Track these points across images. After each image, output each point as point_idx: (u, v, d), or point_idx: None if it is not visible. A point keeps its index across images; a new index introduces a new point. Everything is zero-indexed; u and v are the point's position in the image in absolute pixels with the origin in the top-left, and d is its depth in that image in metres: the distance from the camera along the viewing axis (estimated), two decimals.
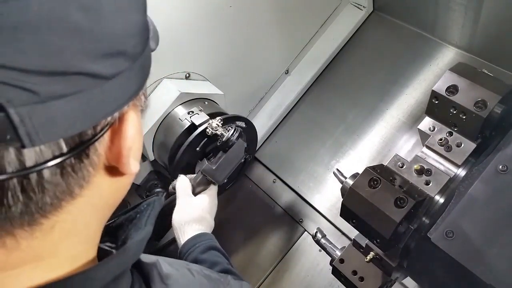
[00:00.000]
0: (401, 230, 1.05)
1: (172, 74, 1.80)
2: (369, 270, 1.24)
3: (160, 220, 2.10)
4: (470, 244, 0.95)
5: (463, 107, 1.05)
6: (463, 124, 1.08)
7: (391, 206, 1.01)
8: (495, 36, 1.80)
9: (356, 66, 2.23)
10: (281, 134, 2.27)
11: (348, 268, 1.27)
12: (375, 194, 1.04)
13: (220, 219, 2.37)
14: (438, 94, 1.10)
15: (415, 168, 1.09)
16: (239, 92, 2.10)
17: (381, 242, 1.05)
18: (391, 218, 0.99)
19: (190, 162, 1.69)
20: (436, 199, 1.07)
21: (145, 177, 1.86)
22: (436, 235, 0.98)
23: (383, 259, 1.18)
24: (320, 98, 2.25)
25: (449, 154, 1.09)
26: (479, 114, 1.03)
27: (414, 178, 1.09)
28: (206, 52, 1.86)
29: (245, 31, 1.93)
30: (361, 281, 1.24)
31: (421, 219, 1.06)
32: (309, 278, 1.94)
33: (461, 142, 1.09)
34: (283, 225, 2.09)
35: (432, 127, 1.15)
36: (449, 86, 1.09)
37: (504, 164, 0.99)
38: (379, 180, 1.05)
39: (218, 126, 1.49)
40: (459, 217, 0.98)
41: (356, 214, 1.07)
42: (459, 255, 0.95)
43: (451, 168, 1.09)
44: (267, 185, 2.19)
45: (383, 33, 2.23)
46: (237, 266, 2.20)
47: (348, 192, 1.09)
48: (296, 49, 2.23)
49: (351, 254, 1.28)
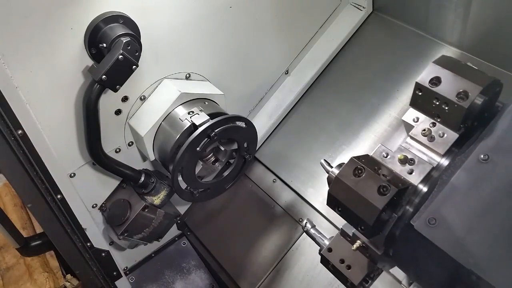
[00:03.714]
0: (385, 217, 1.07)
1: (173, 74, 1.80)
2: (356, 258, 1.26)
3: (161, 221, 2.09)
4: (452, 231, 0.97)
5: (446, 98, 1.07)
6: (445, 115, 1.09)
7: (374, 194, 1.03)
8: (493, 36, 1.82)
9: (356, 66, 2.24)
10: (281, 134, 2.28)
11: (336, 256, 1.30)
12: (359, 182, 1.07)
13: (220, 219, 2.39)
14: (421, 86, 1.11)
15: (399, 157, 1.11)
16: (239, 92, 2.10)
17: (365, 229, 1.07)
18: (374, 205, 1.02)
19: (190, 162, 1.69)
20: (419, 188, 1.08)
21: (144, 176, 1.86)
22: (419, 223, 1.00)
23: (369, 247, 1.20)
24: (320, 98, 2.25)
25: (432, 144, 1.11)
26: (461, 105, 1.04)
27: (397, 168, 1.11)
28: (206, 53, 1.86)
29: (245, 32, 1.94)
30: (348, 269, 1.27)
31: (405, 207, 1.10)
32: (309, 278, 1.95)
33: (444, 132, 1.11)
34: (283, 225, 2.10)
35: (416, 118, 1.16)
36: (432, 78, 1.10)
37: (485, 154, 1.00)
38: (364, 169, 1.08)
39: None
40: (442, 205, 1.00)
41: (341, 202, 1.10)
42: (441, 242, 0.97)
43: (434, 157, 1.11)
44: (267, 185, 2.20)
45: (383, 33, 2.23)
46: (237, 265, 2.22)
47: (334, 181, 1.12)
48: (296, 49, 2.24)
49: (339, 243, 1.31)
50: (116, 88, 1.50)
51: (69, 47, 1.46)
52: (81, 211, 1.80)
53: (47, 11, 1.36)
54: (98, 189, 1.87)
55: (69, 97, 1.56)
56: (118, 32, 1.45)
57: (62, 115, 1.59)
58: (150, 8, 1.57)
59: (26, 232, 2.28)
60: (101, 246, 1.95)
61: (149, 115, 1.73)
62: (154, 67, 1.72)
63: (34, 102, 1.48)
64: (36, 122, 1.52)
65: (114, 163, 1.73)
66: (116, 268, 2.08)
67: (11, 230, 1.63)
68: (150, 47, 1.64)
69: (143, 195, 1.87)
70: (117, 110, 1.71)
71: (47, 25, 1.38)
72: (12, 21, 1.32)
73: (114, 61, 1.41)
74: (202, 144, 1.63)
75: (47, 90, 1.50)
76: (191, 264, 2.37)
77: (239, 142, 1.82)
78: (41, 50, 1.41)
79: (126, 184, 1.91)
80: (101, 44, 1.46)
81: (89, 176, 1.79)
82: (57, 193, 1.65)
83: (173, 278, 2.32)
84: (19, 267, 2.16)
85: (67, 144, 1.66)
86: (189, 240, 2.39)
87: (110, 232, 1.92)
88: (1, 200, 2.46)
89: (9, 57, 1.36)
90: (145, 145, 1.74)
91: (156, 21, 1.62)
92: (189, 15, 1.71)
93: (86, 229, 1.84)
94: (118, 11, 1.49)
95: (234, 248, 2.17)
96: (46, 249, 1.85)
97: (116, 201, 1.88)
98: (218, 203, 2.28)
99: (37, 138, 1.52)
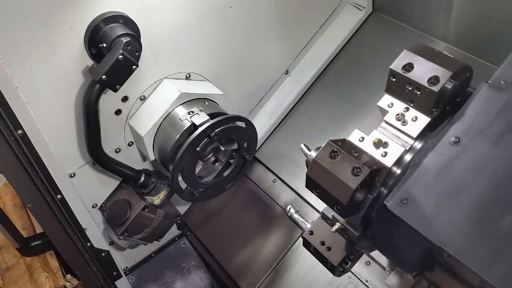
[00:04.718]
0: (359, 198, 1.12)
1: (173, 75, 1.80)
2: (336, 240, 1.33)
3: (161, 221, 2.09)
4: (423, 211, 1.02)
5: (417, 83, 1.11)
6: (418, 100, 1.14)
7: (348, 175, 1.09)
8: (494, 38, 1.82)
9: (356, 66, 2.24)
10: (281, 134, 2.28)
11: (317, 239, 1.37)
12: (334, 164, 1.13)
13: (220, 219, 2.39)
14: (395, 72, 1.16)
15: (373, 141, 1.16)
16: (239, 92, 2.10)
17: (341, 208, 1.12)
18: (348, 185, 1.08)
19: (190, 162, 1.69)
20: (393, 170, 1.14)
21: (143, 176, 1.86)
22: (392, 203, 1.05)
23: (347, 229, 1.25)
24: (320, 98, 2.25)
25: (405, 127, 1.16)
26: (432, 89, 1.09)
27: (372, 151, 1.15)
28: (206, 53, 1.86)
29: (245, 32, 1.94)
30: (328, 250, 1.34)
31: (380, 189, 1.14)
32: (309, 278, 1.95)
33: (417, 116, 1.15)
34: (283, 225, 2.10)
35: (390, 103, 1.21)
36: (405, 64, 1.14)
37: (456, 136, 1.06)
38: (339, 152, 1.14)
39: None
40: (414, 186, 1.05)
41: (318, 183, 1.16)
42: (412, 220, 1.02)
43: (407, 140, 1.15)
44: (267, 185, 2.20)
45: (383, 33, 2.24)
46: (237, 265, 2.22)
47: (311, 163, 1.18)
48: (296, 49, 2.24)
49: (320, 227, 1.37)
50: (116, 88, 1.50)
51: (69, 47, 1.46)
52: (81, 211, 1.80)
53: (47, 11, 1.36)
54: (98, 189, 1.87)
55: (69, 97, 1.56)
56: (118, 32, 1.45)
57: (62, 115, 1.59)
58: (150, 8, 1.57)
59: (26, 232, 2.28)
60: (101, 246, 1.95)
61: (149, 115, 1.73)
62: (154, 67, 1.72)
63: (34, 102, 1.48)
64: (36, 122, 1.52)
65: (114, 163, 1.73)
66: (116, 268, 2.08)
67: (11, 230, 1.63)
68: (150, 47, 1.64)
69: (143, 195, 1.87)
70: (117, 110, 1.71)
71: (47, 25, 1.38)
72: (12, 21, 1.32)
73: (114, 61, 1.41)
74: (202, 144, 1.63)
75: (47, 90, 1.50)
76: (191, 264, 2.37)
77: (239, 142, 1.82)
78: (41, 50, 1.41)
79: (126, 184, 1.91)
80: (101, 44, 1.46)
81: (89, 176, 1.79)
82: (57, 193, 1.65)
83: (173, 278, 2.32)
84: (19, 267, 2.16)
85: (67, 144, 1.66)
86: (189, 240, 2.39)
87: (110, 232, 1.92)
88: (1, 200, 2.46)
89: (9, 57, 1.36)
90: (145, 145, 1.74)
91: (156, 21, 1.62)
92: (189, 15, 1.71)
93: (86, 229, 1.84)
94: (118, 11, 1.49)
95: (234, 248, 2.17)
96: (46, 249, 1.85)
97: (116, 201, 1.88)
98: (218, 203, 2.28)
99: (37, 138, 1.52)
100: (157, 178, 1.88)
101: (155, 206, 1.89)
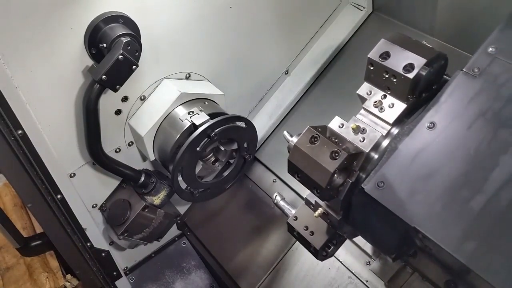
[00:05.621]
0: (338, 181, 1.16)
1: (173, 74, 1.80)
2: (319, 225, 1.39)
3: (161, 221, 2.09)
4: (398, 193, 1.06)
5: (393, 71, 1.15)
6: (394, 87, 1.18)
7: (326, 158, 1.13)
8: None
9: (356, 66, 2.23)
10: (281, 134, 2.27)
11: (301, 224, 1.42)
12: (314, 149, 1.17)
13: (220, 219, 2.39)
14: (372, 60, 1.21)
15: (352, 127, 1.19)
16: (239, 92, 2.10)
17: (321, 192, 1.16)
18: (326, 168, 1.12)
19: (190, 162, 1.69)
20: (371, 155, 1.18)
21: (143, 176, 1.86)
22: (369, 186, 1.10)
23: (329, 213, 1.29)
24: (320, 98, 2.25)
25: (382, 114, 1.20)
26: (407, 76, 1.12)
27: (351, 136, 1.19)
28: (206, 53, 1.86)
29: (245, 32, 1.94)
30: (311, 235, 1.40)
31: (358, 173, 1.18)
32: (309, 278, 1.95)
33: (393, 103, 1.20)
34: (283, 225, 2.09)
35: (369, 91, 1.26)
36: (382, 53, 1.19)
37: (431, 122, 1.10)
38: (319, 137, 1.18)
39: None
40: (390, 169, 1.10)
41: (299, 168, 1.19)
42: (388, 202, 1.06)
43: (385, 126, 1.20)
44: (267, 185, 2.20)
45: (383, 33, 2.22)
46: (237, 265, 2.22)
47: (293, 149, 1.21)
48: (296, 49, 2.24)
49: (304, 212, 1.43)
50: (116, 88, 1.50)
51: (69, 47, 1.46)
52: (81, 211, 1.80)
53: (47, 11, 1.36)
54: (98, 189, 1.87)
55: (69, 97, 1.56)
56: (118, 32, 1.45)
57: (62, 115, 1.59)
58: (150, 8, 1.57)
59: (26, 232, 2.28)
60: (101, 246, 1.95)
61: (149, 115, 1.73)
62: (154, 67, 1.72)
63: (34, 102, 1.48)
64: (36, 122, 1.52)
65: (114, 163, 1.73)
66: (116, 268, 2.08)
67: (11, 230, 1.63)
68: (150, 47, 1.64)
69: (143, 195, 1.87)
70: (117, 110, 1.71)
71: (47, 25, 1.38)
72: (12, 21, 1.32)
73: (114, 61, 1.42)
74: (202, 144, 1.63)
75: (47, 90, 1.50)
76: (191, 264, 2.37)
77: (239, 142, 1.82)
78: (41, 50, 1.41)
79: (126, 184, 1.91)
80: (101, 44, 1.46)
81: (89, 176, 1.79)
82: (57, 193, 1.65)
83: (173, 278, 2.32)
84: (19, 267, 2.16)
85: (67, 144, 1.66)
86: (189, 240, 2.39)
87: (110, 232, 1.92)
88: (1, 200, 2.46)
89: (9, 57, 1.36)
90: (145, 145, 1.74)
91: (156, 21, 1.62)
92: (189, 15, 1.71)
93: (86, 229, 1.84)
94: (118, 11, 1.49)
95: (234, 248, 2.17)
96: (46, 249, 1.85)
97: (116, 201, 1.88)
98: (218, 203, 2.28)
99: (37, 138, 1.52)
100: (157, 178, 1.88)
101: (155, 206, 1.89)
